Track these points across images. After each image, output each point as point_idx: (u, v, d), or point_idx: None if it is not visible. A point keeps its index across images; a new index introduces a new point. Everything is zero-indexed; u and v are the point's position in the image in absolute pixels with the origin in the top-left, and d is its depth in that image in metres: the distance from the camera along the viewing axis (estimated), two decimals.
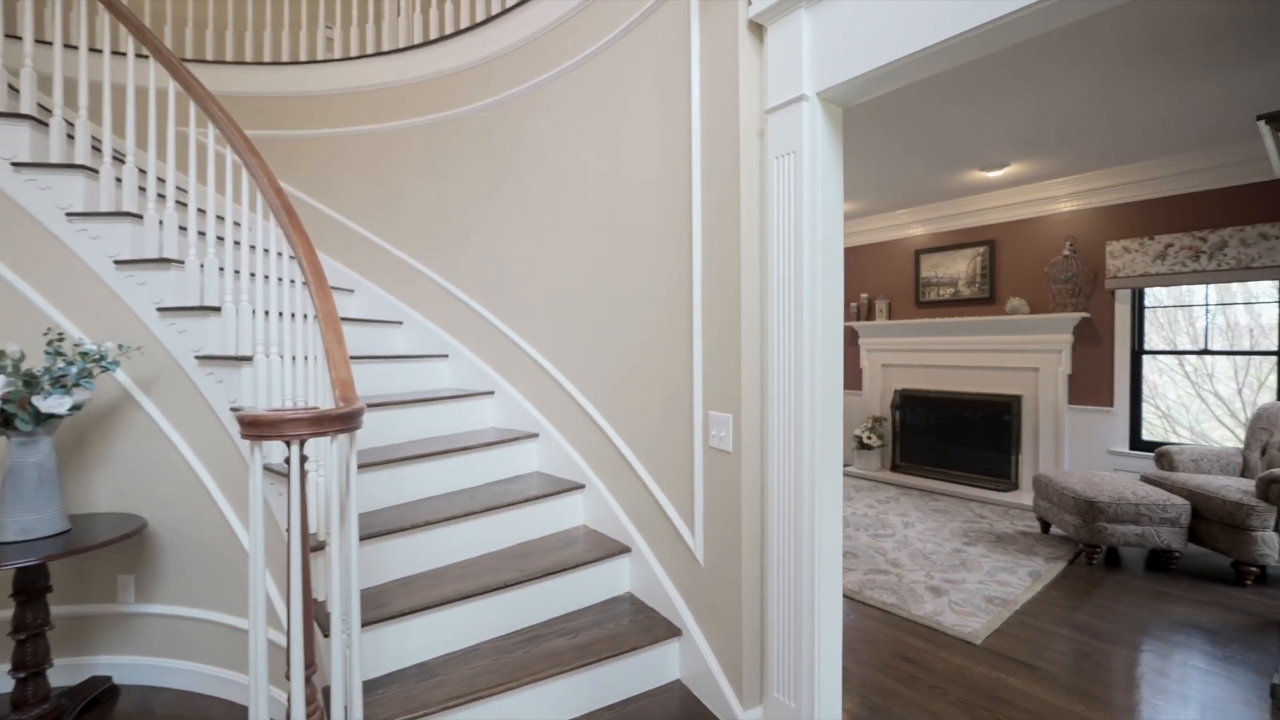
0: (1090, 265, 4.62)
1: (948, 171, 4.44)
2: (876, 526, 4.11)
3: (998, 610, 2.79)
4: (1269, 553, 3.03)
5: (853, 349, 6.35)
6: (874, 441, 5.73)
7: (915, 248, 5.80)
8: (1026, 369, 4.94)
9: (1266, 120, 2.06)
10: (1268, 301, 4.05)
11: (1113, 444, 4.56)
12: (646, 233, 2.09)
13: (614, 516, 2.29)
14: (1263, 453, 3.58)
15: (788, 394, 1.58)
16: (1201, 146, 3.86)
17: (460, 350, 3.10)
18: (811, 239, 1.53)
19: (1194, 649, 2.48)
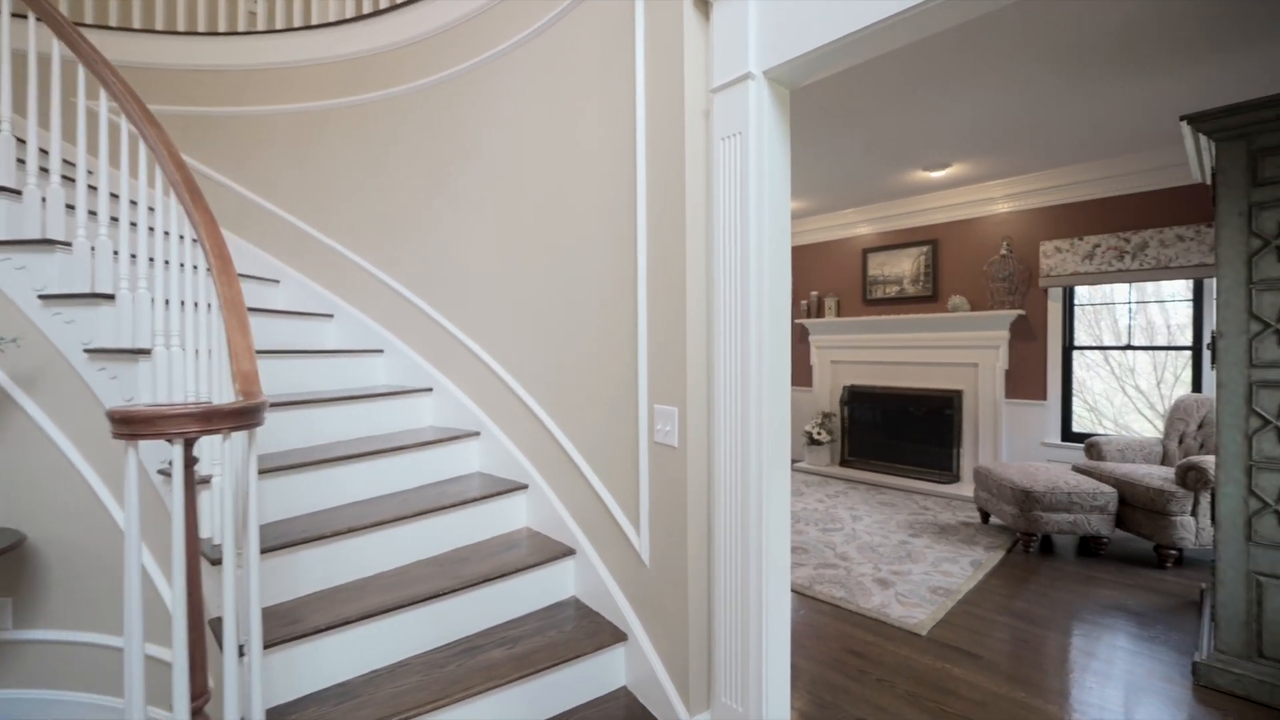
0: (1025, 264, 4.81)
1: (893, 171, 4.52)
2: (826, 521, 4.14)
3: (942, 600, 2.83)
4: (1187, 536, 3.20)
5: (803, 346, 6.43)
6: (824, 437, 5.81)
7: (863, 247, 5.91)
8: (967, 364, 5.10)
9: (1188, 121, 2.14)
10: (1183, 300, 4.30)
11: (1046, 436, 4.76)
12: (590, 220, 2.00)
13: (558, 518, 2.18)
14: (1180, 442, 3.78)
15: (734, 386, 1.52)
16: (1127, 152, 4.06)
17: (396, 345, 2.92)
18: (758, 224, 1.47)
19: (1121, 630, 2.57)
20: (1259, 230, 2.05)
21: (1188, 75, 2.85)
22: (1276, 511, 2.02)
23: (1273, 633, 2.03)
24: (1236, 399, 2.09)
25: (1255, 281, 2.05)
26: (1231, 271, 2.10)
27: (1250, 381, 2.06)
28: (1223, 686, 2.10)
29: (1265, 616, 2.04)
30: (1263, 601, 2.05)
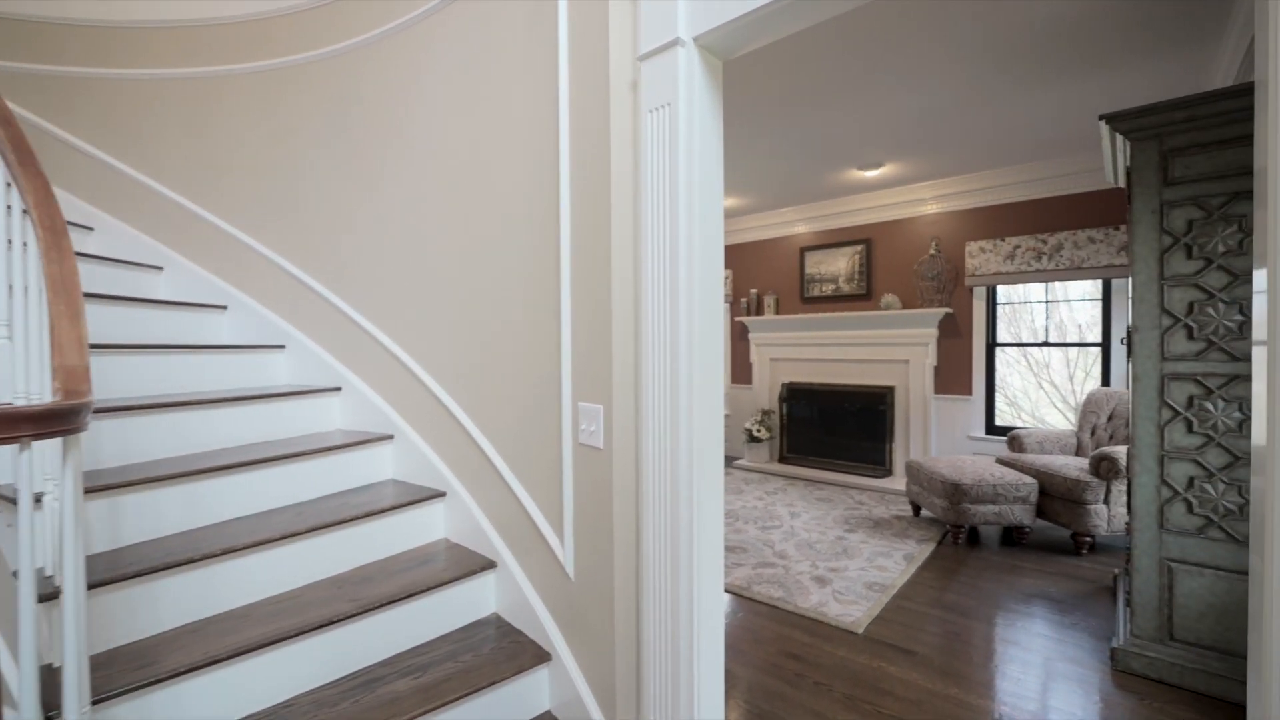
0: (953, 264, 4.96)
1: (829, 169, 4.56)
2: (765, 519, 4.11)
3: (877, 596, 2.83)
4: (1100, 523, 3.35)
5: (744, 344, 6.44)
6: (763, 434, 5.83)
7: (800, 245, 5.97)
8: (898, 361, 5.22)
9: (1106, 120, 2.19)
10: (1091, 300, 4.55)
11: (972, 430, 4.93)
12: (512, 202, 1.83)
13: (479, 528, 2.00)
14: (1092, 433, 3.98)
15: (663, 381, 1.39)
16: (1046, 156, 4.24)
17: (300, 340, 2.64)
18: (688, 203, 1.35)
19: (1044, 619, 2.64)
20: (1169, 228, 2.12)
21: (1106, 79, 2.97)
22: (1186, 500, 2.09)
23: (1182, 616, 2.10)
24: (1150, 392, 2.15)
25: (1166, 278, 2.12)
26: (1145, 268, 2.16)
27: (1162, 374, 2.13)
28: (1138, 670, 2.16)
29: (1176, 601, 2.11)
30: (1173, 587, 2.12)
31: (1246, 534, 1.99)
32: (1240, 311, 2.00)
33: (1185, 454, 2.09)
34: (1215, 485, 2.04)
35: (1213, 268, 2.04)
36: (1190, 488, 2.09)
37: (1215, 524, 2.04)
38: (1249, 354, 1.98)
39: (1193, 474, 2.08)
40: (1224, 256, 2.02)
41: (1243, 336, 1.99)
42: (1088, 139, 3.88)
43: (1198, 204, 2.07)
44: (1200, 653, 2.07)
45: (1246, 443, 1.99)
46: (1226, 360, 2.02)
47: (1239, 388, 2.00)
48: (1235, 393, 2.01)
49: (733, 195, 5.39)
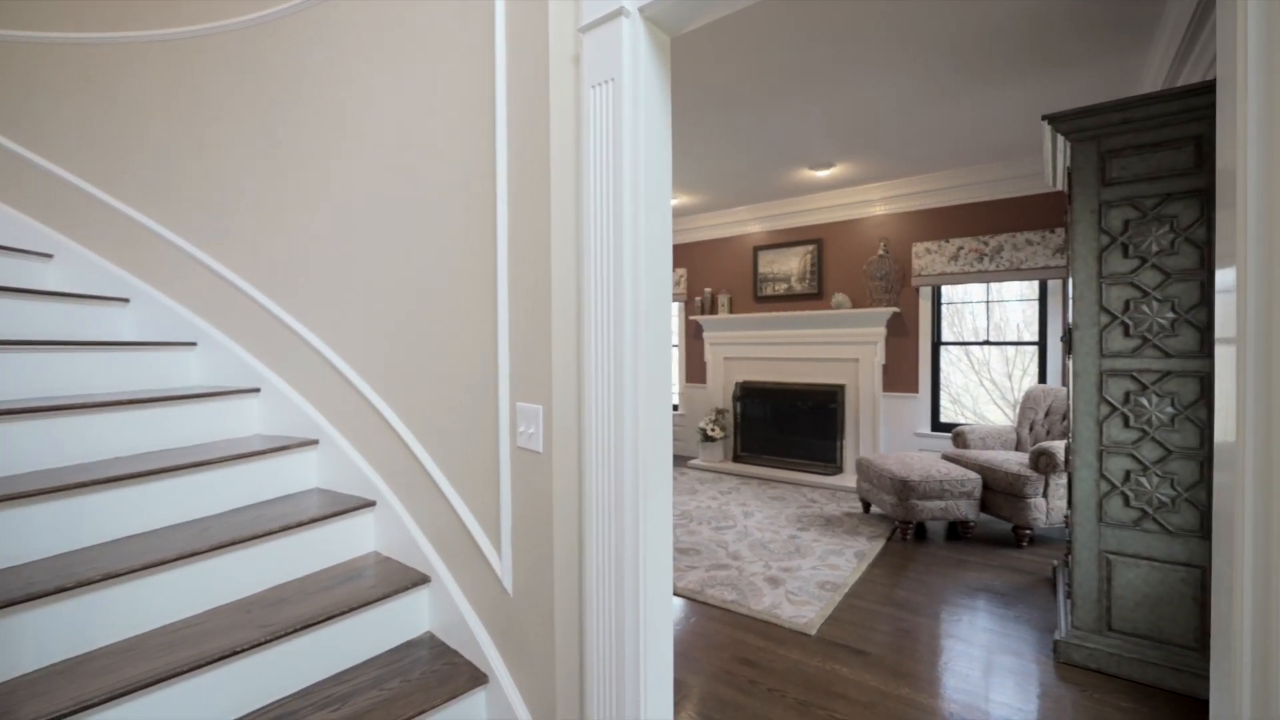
0: (900, 264, 5.06)
1: (781, 168, 4.56)
2: (719, 519, 4.07)
3: (829, 596, 2.81)
4: (1039, 516, 3.45)
5: (698, 342, 6.41)
6: (717, 433, 5.81)
7: (754, 245, 5.98)
8: (848, 360, 5.29)
9: (1049, 120, 2.22)
10: (1029, 300, 4.72)
11: (918, 426, 5.04)
12: (447, 188, 1.68)
13: (411, 539, 1.84)
14: (1031, 429, 4.12)
15: (606, 379, 1.29)
16: (989, 160, 4.37)
17: (214, 337, 2.40)
18: (634, 187, 1.25)
19: (990, 612, 2.68)
20: (1107, 228, 2.16)
21: (1048, 84, 3.05)
22: (1123, 493, 2.14)
23: (1120, 607, 2.15)
24: (1089, 388, 2.19)
25: (1104, 276, 2.17)
26: (1084, 266, 2.20)
27: (1101, 371, 2.17)
28: (1079, 661, 2.20)
29: (1114, 592, 2.16)
30: (1111, 578, 2.16)
31: (1178, 525, 2.05)
32: (1172, 309, 2.05)
33: (1122, 448, 2.14)
34: (1150, 478, 2.10)
35: (1147, 266, 2.09)
36: (1127, 481, 2.14)
37: (1150, 516, 2.10)
38: (1181, 350, 2.04)
39: (1129, 468, 2.13)
40: (1157, 256, 2.08)
41: (1174, 334, 2.05)
42: (1028, 144, 4.01)
43: (1133, 204, 2.12)
44: (1136, 642, 2.12)
45: (1178, 436, 2.05)
46: (1160, 357, 2.08)
47: (1171, 383, 2.06)
48: (1168, 388, 2.07)
49: (686, 193, 5.34)
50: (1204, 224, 2.01)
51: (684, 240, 6.49)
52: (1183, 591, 2.05)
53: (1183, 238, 2.04)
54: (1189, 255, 2.03)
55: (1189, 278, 2.03)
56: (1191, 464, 2.04)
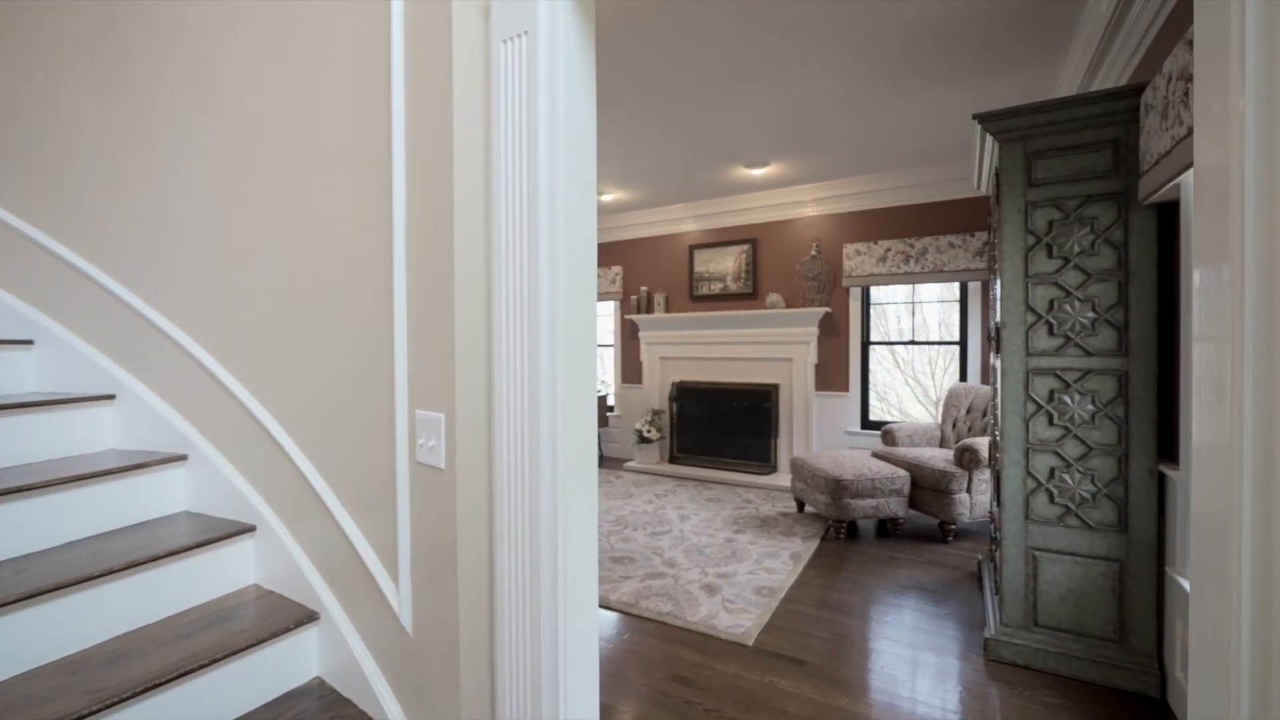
0: (831, 265, 5.13)
1: (716, 166, 4.50)
2: (655, 524, 3.94)
3: (766, 602, 2.73)
4: (963, 511, 3.54)
5: (634, 342, 6.28)
6: (653, 435, 5.70)
7: (690, 243, 5.91)
8: (782, 359, 5.32)
9: (979, 120, 2.23)
10: (950, 301, 4.90)
11: (849, 425, 5.13)
12: (334, 158, 1.44)
13: (297, 570, 1.58)
14: (954, 426, 4.25)
15: (519, 381, 1.10)
16: (916, 165, 4.47)
17: (56, 333, 2.02)
18: (551, 157, 1.08)
19: (921, 611, 2.68)
20: (1033, 228, 2.19)
21: (974, 88, 3.10)
22: (1048, 490, 2.17)
23: (1045, 602, 2.18)
24: (1017, 386, 2.21)
25: (1030, 275, 2.19)
26: (1012, 266, 2.22)
27: (1028, 369, 2.20)
28: (1008, 658, 2.22)
29: (1040, 588, 2.19)
30: (1038, 574, 2.19)
31: (1098, 521, 2.10)
32: (1093, 309, 2.10)
33: (1047, 446, 2.17)
34: (1072, 475, 2.13)
35: (1069, 267, 2.13)
36: (1051, 478, 2.17)
37: (1072, 512, 2.14)
38: (1100, 349, 2.09)
39: (1053, 465, 2.16)
40: (1079, 256, 2.12)
41: (1095, 333, 2.09)
42: (952, 150, 4.13)
43: (1056, 205, 2.15)
44: (1060, 636, 2.15)
45: (1098, 433, 2.09)
46: (1081, 355, 2.12)
47: (1092, 381, 2.10)
48: (1089, 386, 2.11)
49: (622, 189, 5.19)
50: (1121, 226, 2.06)
51: (620, 238, 6.34)
52: (1102, 585, 2.10)
53: (1102, 239, 2.08)
54: (1108, 256, 2.08)
55: (1108, 278, 2.08)
56: (1110, 460, 2.08)
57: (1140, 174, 1.97)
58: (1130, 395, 2.05)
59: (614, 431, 6.43)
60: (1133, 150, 2.03)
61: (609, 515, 4.14)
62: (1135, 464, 2.05)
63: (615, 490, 4.88)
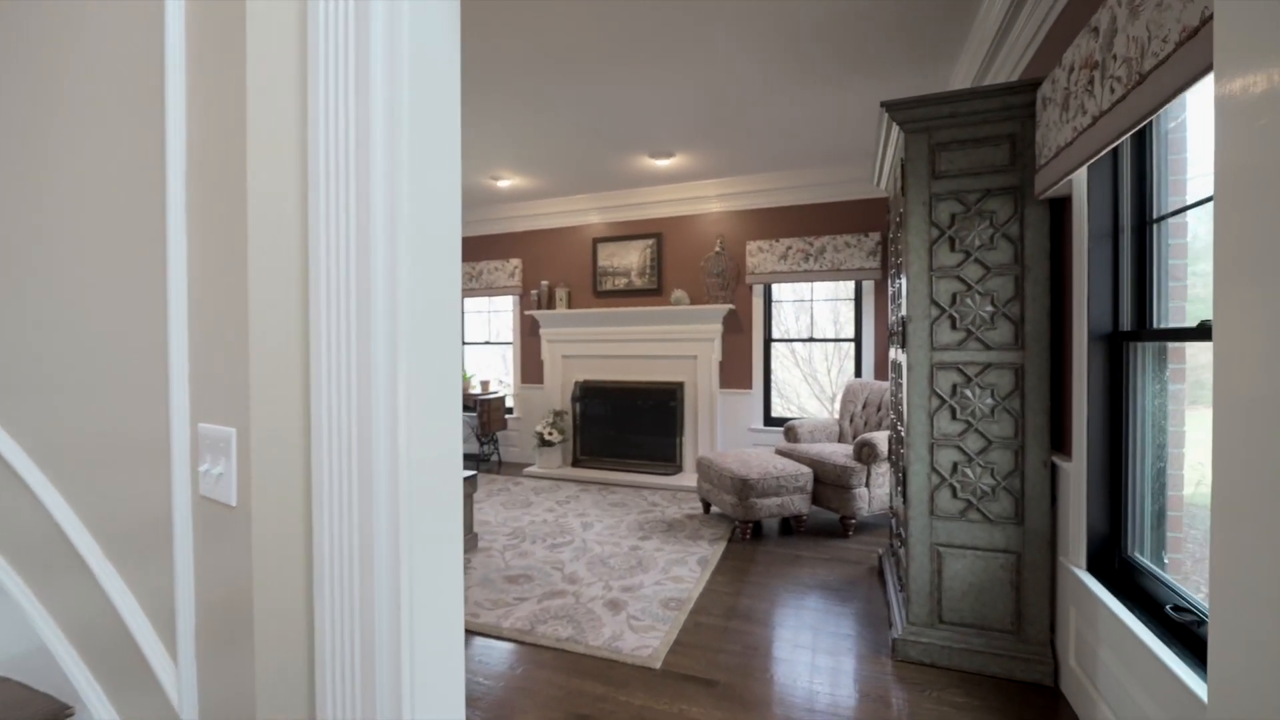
0: (735, 262, 5.10)
1: (621, 154, 4.28)
2: (556, 534, 3.65)
3: (674, 616, 2.55)
4: (863, 506, 3.58)
5: (534, 339, 5.92)
6: (555, 437, 5.39)
7: (593, 236, 5.66)
8: (687, 357, 5.22)
9: (886, 107, 2.17)
10: (844, 299, 5.03)
11: (752, 422, 5.12)
12: (96, 99, 1.03)
13: (41, 647, 1.14)
14: (850, 421, 4.34)
15: (343, 387, 0.79)
16: (817, 165, 4.52)
17: None
18: (391, 105, 0.77)
19: (829, 612, 2.62)
20: (936, 220, 2.16)
21: (875, 88, 3.11)
22: (951, 485, 2.15)
23: (949, 598, 2.16)
24: (922, 381, 2.18)
25: (934, 269, 2.16)
26: (917, 259, 2.18)
27: (932, 363, 2.17)
28: (915, 658, 2.18)
29: (944, 584, 2.17)
30: (942, 570, 2.17)
31: (997, 514, 2.10)
32: (992, 303, 2.10)
33: (950, 440, 2.15)
34: (974, 469, 2.13)
35: (970, 261, 2.12)
36: (954, 473, 2.15)
37: (974, 506, 2.13)
38: (999, 343, 2.09)
39: (955, 459, 2.15)
40: (979, 250, 2.11)
41: (994, 327, 2.10)
42: (852, 150, 4.20)
43: (958, 198, 2.13)
44: (964, 632, 2.14)
45: (997, 427, 2.10)
46: (982, 349, 2.11)
47: (991, 375, 2.10)
48: (988, 380, 2.11)
49: (520, 174, 4.83)
50: (1017, 220, 2.07)
51: (519, 228, 5.95)
52: (1001, 578, 2.11)
53: (1000, 233, 2.09)
54: (1005, 250, 2.09)
55: (1005, 272, 2.09)
56: (1008, 453, 2.10)
57: (1037, 169, 1.98)
58: (1026, 389, 2.07)
59: (513, 435, 6.03)
60: (1028, 145, 2.04)
61: (505, 527, 3.79)
62: (1030, 456, 2.07)
63: (513, 499, 4.52)
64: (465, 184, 5.06)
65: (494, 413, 5.63)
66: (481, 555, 3.28)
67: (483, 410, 5.48)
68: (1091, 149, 1.54)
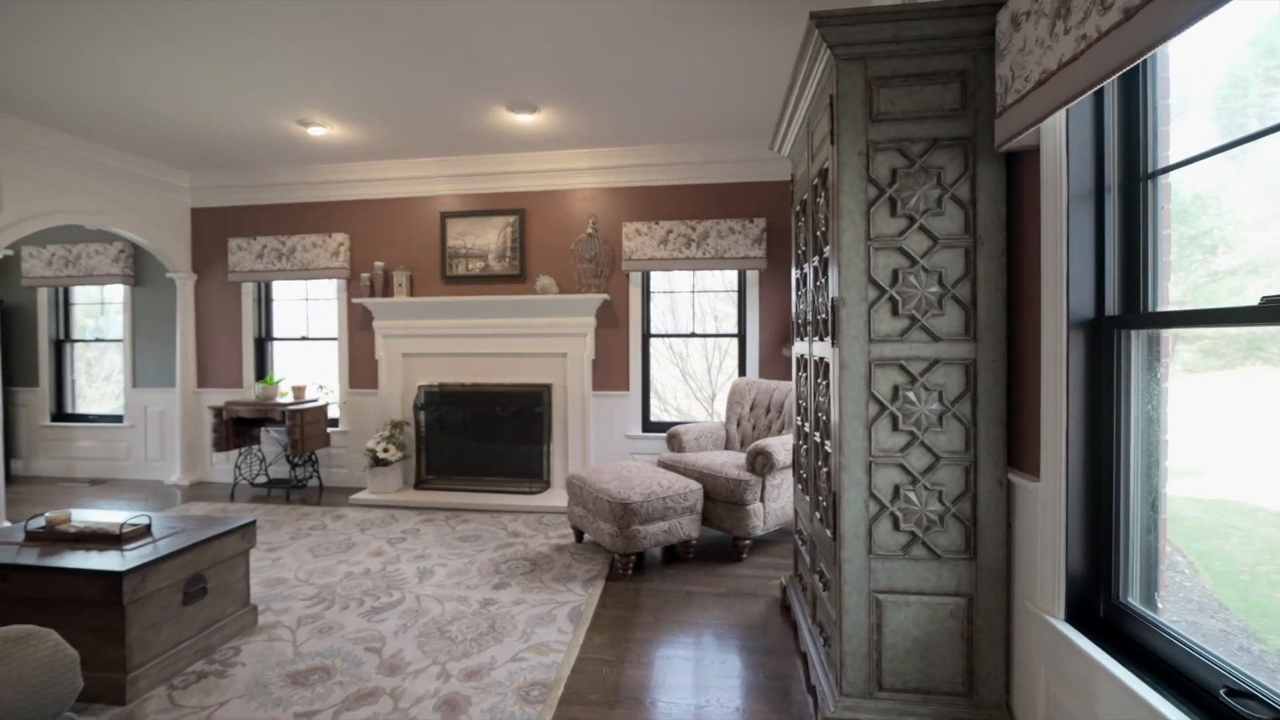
0: (610, 245, 4.47)
1: (473, 102, 3.45)
2: (380, 591, 2.74)
3: (539, 711, 1.83)
4: (758, 524, 3.13)
5: (366, 334, 4.82)
6: (393, 455, 4.37)
7: (442, 210, 4.71)
8: (556, 355, 4.50)
9: (817, 21, 1.65)
10: (721, 291, 4.65)
11: (629, 428, 4.54)
12: None
13: None
14: (738, 425, 3.92)
15: None
16: (701, 140, 4.03)
17: None
18: None
19: (738, 679, 2.08)
20: (875, 176, 1.68)
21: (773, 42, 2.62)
22: (893, 514, 1.69)
23: (891, 659, 1.70)
24: (858, 383, 1.69)
25: (872, 238, 1.68)
26: (852, 225, 1.69)
27: (870, 360, 1.69)
28: None
29: (884, 642, 1.70)
30: (882, 625, 1.70)
31: (945, 547, 1.68)
32: (939, 282, 1.66)
33: (891, 457, 1.69)
34: (919, 492, 1.68)
35: (915, 229, 1.67)
36: (896, 499, 1.69)
37: (919, 540, 1.69)
38: (948, 333, 1.66)
39: (897, 481, 1.69)
40: (924, 216, 1.67)
41: (941, 312, 1.67)
42: (737, 125, 3.76)
43: (901, 149, 1.67)
44: (907, 700, 1.69)
45: (945, 438, 1.67)
46: (928, 341, 1.67)
47: (938, 373, 1.67)
48: (935, 380, 1.67)
49: (341, 122, 3.78)
50: (968, 180, 1.65)
51: (345, 195, 4.81)
52: (951, 627, 1.68)
53: (949, 195, 1.66)
54: (954, 217, 1.67)
55: (954, 244, 1.66)
56: (957, 471, 1.68)
57: (999, 111, 1.57)
58: (979, 390, 1.66)
59: (339, 453, 4.87)
60: (982, 85, 1.63)
61: (308, 586, 2.79)
62: (983, 473, 1.67)
63: (329, 540, 3.47)
64: (260, 128, 3.87)
65: (311, 426, 4.45)
66: (260, 640, 2.29)
67: (294, 423, 4.30)
68: (1106, 68, 1.11)
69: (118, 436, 5.23)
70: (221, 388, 5.01)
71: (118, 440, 5.23)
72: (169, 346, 5.09)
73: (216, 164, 4.70)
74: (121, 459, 5.22)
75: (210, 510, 4.14)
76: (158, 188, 4.73)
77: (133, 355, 5.19)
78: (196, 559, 2.16)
